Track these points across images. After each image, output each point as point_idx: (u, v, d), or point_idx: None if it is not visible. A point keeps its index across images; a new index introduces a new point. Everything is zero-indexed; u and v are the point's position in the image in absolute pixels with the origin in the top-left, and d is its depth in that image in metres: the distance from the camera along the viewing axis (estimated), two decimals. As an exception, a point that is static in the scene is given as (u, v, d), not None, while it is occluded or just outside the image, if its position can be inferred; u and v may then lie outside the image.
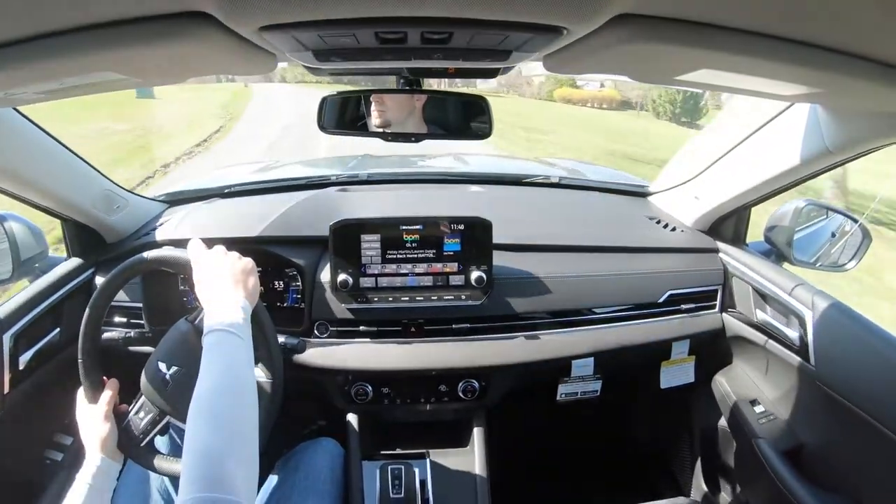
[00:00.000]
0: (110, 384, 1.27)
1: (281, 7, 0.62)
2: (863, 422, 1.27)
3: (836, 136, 1.24)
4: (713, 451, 1.86)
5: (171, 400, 1.23)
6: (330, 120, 1.42)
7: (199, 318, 1.24)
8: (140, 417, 1.25)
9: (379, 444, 1.69)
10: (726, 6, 0.64)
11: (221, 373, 0.97)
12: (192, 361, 1.20)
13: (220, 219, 1.81)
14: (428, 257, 1.56)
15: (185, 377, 1.21)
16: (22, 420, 1.43)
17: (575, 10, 0.63)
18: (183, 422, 1.23)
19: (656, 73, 0.99)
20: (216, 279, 1.12)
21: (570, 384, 1.74)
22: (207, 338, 1.01)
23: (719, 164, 1.69)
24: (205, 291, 1.12)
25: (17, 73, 0.74)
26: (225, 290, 1.10)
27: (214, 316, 1.05)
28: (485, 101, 1.38)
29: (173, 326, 1.27)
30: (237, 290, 1.12)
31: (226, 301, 1.08)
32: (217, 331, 1.02)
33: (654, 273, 1.71)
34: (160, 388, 1.22)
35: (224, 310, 1.06)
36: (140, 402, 1.26)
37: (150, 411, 1.25)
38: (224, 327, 1.02)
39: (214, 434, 0.87)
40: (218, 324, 1.03)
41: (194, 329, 1.24)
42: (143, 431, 1.26)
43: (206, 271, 1.14)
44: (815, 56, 0.74)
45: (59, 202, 1.54)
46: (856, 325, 1.33)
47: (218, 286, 1.11)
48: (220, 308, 1.06)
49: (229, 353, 1.00)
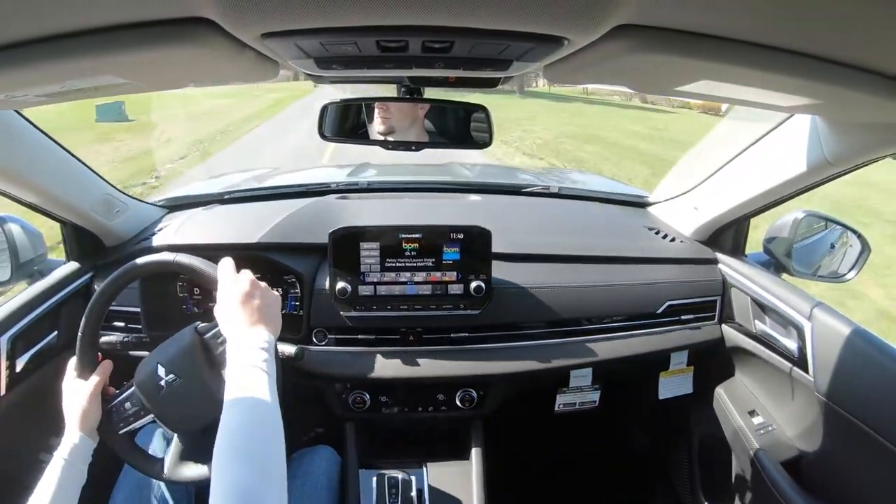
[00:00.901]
0: (104, 365, 1.27)
1: (283, 14, 0.62)
2: (861, 433, 1.27)
3: (835, 147, 1.24)
4: (712, 461, 1.85)
5: (160, 405, 1.23)
6: (331, 127, 1.42)
7: (210, 333, 1.25)
8: (125, 407, 1.26)
9: (376, 453, 1.68)
10: (726, 17, 0.64)
11: (252, 410, 0.95)
12: (191, 373, 1.22)
13: (220, 224, 1.81)
14: (427, 266, 1.56)
15: (180, 388, 1.22)
16: (18, 422, 1.43)
17: (576, 20, 0.63)
18: (168, 428, 1.25)
19: (656, 83, 0.99)
20: (245, 309, 1.11)
21: (568, 394, 1.74)
22: (234, 371, 1.01)
23: (719, 175, 1.70)
24: (230, 318, 1.11)
25: (18, 76, 0.74)
26: (253, 324, 1.09)
27: (242, 350, 1.04)
28: (485, 110, 1.38)
29: (180, 333, 1.28)
30: (265, 324, 1.10)
31: (253, 336, 1.06)
32: (243, 364, 1.01)
33: (652, 283, 1.71)
34: (153, 392, 1.22)
35: (252, 345, 1.04)
36: (130, 392, 1.27)
37: (137, 405, 1.25)
38: (251, 363, 1.01)
39: (251, 474, 0.86)
40: (245, 359, 1.02)
41: (201, 342, 1.24)
42: (123, 420, 1.27)
43: (233, 297, 1.12)
44: (815, 67, 0.74)
45: (58, 205, 1.54)
46: (854, 336, 1.33)
47: (246, 318, 1.09)
48: (248, 343, 1.05)
49: (257, 389, 0.98)
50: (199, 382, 1.23)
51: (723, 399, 1.77)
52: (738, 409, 1.70)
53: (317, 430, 2.04)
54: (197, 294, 1.69)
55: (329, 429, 1.96)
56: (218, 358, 1.24)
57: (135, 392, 1.25)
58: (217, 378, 1.23)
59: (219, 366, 1.24)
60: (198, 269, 1.26)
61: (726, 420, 1.74)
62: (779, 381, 1.59)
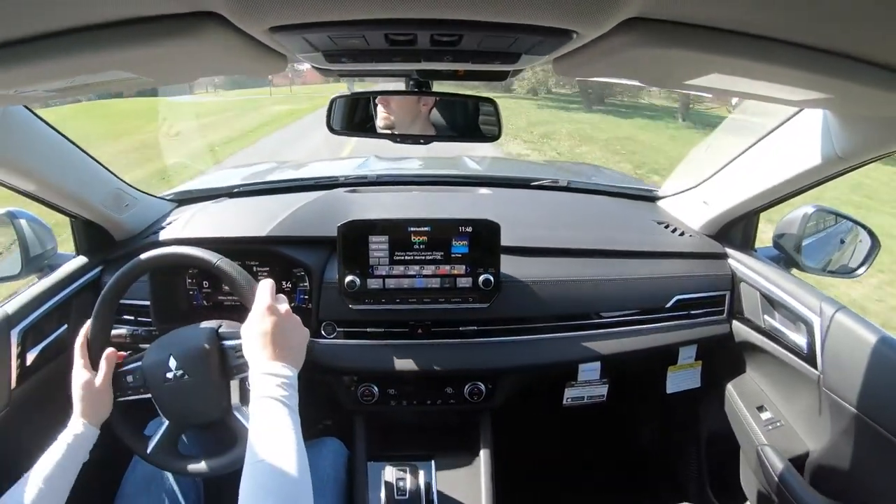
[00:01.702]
0: (109, 358, 1.28)
1: (290, 8, 0.62)
2: (870, 430, 1.26)
3: (846, 141, 1.23)
4: (719, 456, 1.85)
5: (161, 393, 1.26)
6: (338, 121, 1.42)
7: (230, 343, 1.27)
8: (127, 380, 1.29)
9: (384, 446, 1.69)
10: (737, 11, 0.64)
11: (279, 448, 0.95)
12: (201, 375, 1.25)
13: (229, 218, 1.82)
14: (436, 259, 1.56)
15: (186, 385, 1.24)
16: (28, 415, 1.44)
17: (584, 13, 0.62)
18: (162, 413, 1.28)
19: (666, 77, 0.98)
20: (275, 341, 1.11)
21: (576, 388, 1.74)
22: (260, 407, 1.01)
23: (728, 169, 1.69)
24: (257, 344, 1.11)
25: (27, 71, 0.74)
26: (280, 358, 1.09)
27: (268, 385, 1.04)
28: (494, 103, 1.38)
29: (200, 330, 1.30)
30: (291, 360, 1.11)
31: (280, 370, 1.07)
32: (270, 401, 1.02)
33: (661, 277, 1.70)
34: (158, 379, 1.25)
35: (278, 381, 1.05)
36: (135, 367, 1.29)
37: (139, 383, 1.28)
38: (278, 398, 1.02)
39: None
40: (271, 393, 1.02)
41: (219, 349, 1.26)
42: (121, 389, 1.29)
43: (266, 325, 1.12)
44: (826, 61, 0.73)
45: (68, 199, 1.55)
46: (864, 332, 1.32)
47: (274, 351, 1.10)
48: (275, 379, 1.05)
49: (284, 426, 0.99)
50: (205, 386, 1.25)
51: (731, 393, 1.77)
52: (747, 404, 1.69)
53: (325, 422, 2.05)
54: (206, 287, 1.70)
55: (336, 421, 1.97)
56: (230, 368, 1.26)
57: (140, 370, 1.27)
58: (224, 386, 1.26)
59: (229, 375, 1.26)
60: (237, 281, 1.27)
61: (734, 415, 1.73)
62: (787, 377, 1.58)
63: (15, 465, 1.14)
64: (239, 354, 1.22)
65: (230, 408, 1.28)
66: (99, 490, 1.37)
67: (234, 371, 1.26)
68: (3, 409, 1.38)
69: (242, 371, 1.25)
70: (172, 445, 1.32)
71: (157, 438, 1.31)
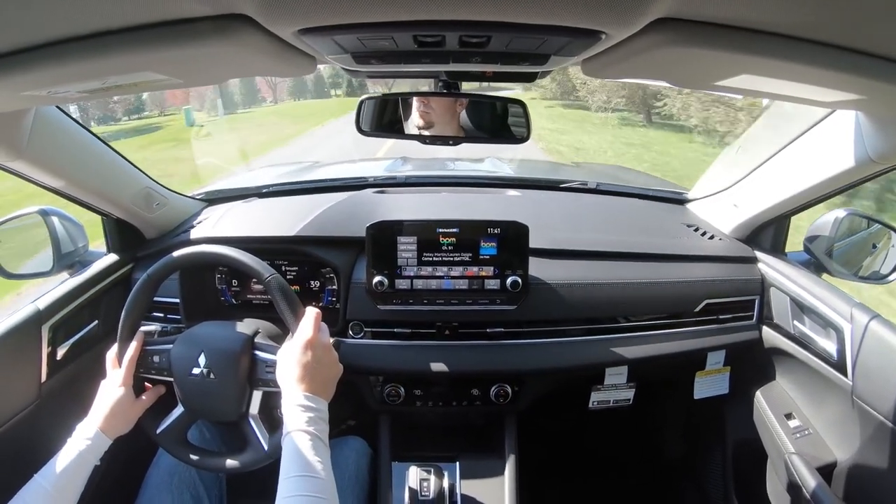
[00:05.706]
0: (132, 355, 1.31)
1: (319, 10, 0.62)
2: None
3: (878, 143, 1.20)
4: (745, 464, 1.83)
5: (183, 384, 1.30)
6: (368, 122, 1.43)
7: (263, 356, 1.30)
8: (153, 360, 1.33)
9: (409, 446, 1.69)
10: (767, 10, 0.63)
11: (312, 481, 0.99)
12: (227, 378, 1.27)
13: (258, 218, 1.83)
14: (464, 260, 1.56)
15: (211, 384, 1.27)
16: (57, 409, 1.46)
17: (613, 14, 0.62)
18: (179, 399, 1.32)
19: (696, 78, 0.98)
20: (312, 375, 1.15)
21: (602, 392, 1.73)
22: (295, 440, 1.04)
23: (759, 172, 1.67)
24: (293, 374, 1.15)
25: (60, 72, 0.76)
26: (314, 391, 1.13)
27: (302, 417, 1.07)
28: (523, 105, 1.38)
29: (237, 333, 1.33)
30: (324, 394, 1.15)
31: (313, 403, 1.11)
32: (303, 434, 1.05)
33: (690, 281, 1.68)
34: (184, 372, 1.28)
35: (312, 415, 1.09)
36: (164, 349, 1.32)
37: (163, 366, 1.31)
38: (311, 432, 1.06)
39: None
40: (305, 426, 1.06)
41: (250, 358, 1.29)
42: (144, 367, 1.33)
43: (307, 357, 1.17)
44: (858, 62, 0.73)
45: (100, 198, 1.57)
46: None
47: (311, 384, 1.14)
48: (309, 412, 1.09)
49: (316, 460, 1.02)
50: (229, 389, 1.28)
51: (759, 400, 1.74)
52: (775, 411, 1.66)
53: (349, 422, 2.06)
54: (235, 286, 1.72)
55: (361, 420, 1.97)
56: (257, 380, 1.29)
57: (168, 355, 1.30)
58: (246, 393, 1.29)
59: (254, 385, 1.29)
60: (285, 304, 1.28)
61: (762, 422, 1.71)
62: (817, 384, 1.55)
63: (44, 457, 1.16)
64: (270, 370, 1.25)
65: (247, 415, 1.30)
66: (126, 482, 1.40)
67: (261, 384, 1.29)
68: (33, 402, 1.40)
69: (269, 386, 1.28)
70: (181, 432, 1.36)
71: (169, 422, 1.34)
